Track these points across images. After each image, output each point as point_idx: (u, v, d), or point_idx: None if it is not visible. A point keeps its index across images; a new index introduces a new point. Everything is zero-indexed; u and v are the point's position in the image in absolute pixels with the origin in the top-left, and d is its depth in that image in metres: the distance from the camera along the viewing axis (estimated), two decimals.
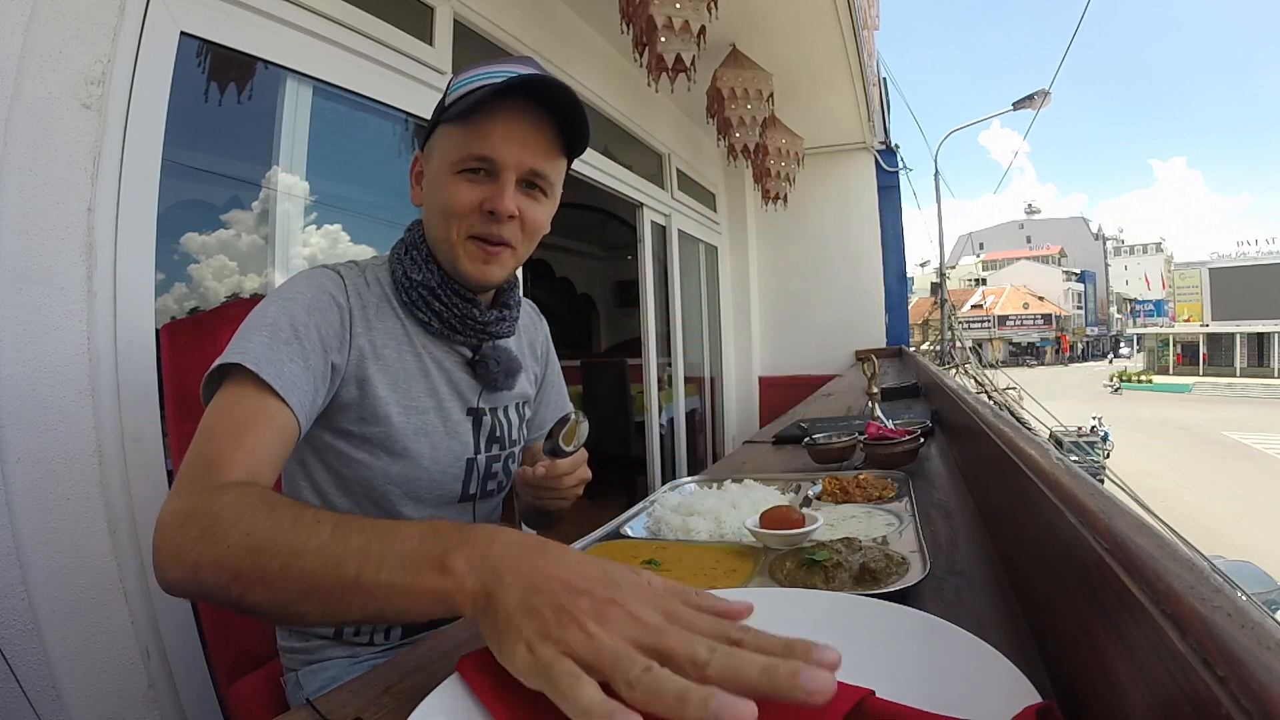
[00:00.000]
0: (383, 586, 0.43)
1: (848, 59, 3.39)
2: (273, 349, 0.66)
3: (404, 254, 0.83)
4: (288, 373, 0.65)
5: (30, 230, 0.99)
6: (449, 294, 0.81)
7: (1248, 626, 0.23)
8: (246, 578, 0.47)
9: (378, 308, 0.80)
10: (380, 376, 0.77)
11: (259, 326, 0.68)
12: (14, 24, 0.96)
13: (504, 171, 0.76)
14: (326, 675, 0.80)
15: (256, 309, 0.72)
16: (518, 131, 0.75)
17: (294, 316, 0.70)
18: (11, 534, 0.94)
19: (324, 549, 0.45)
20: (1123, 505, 0.39)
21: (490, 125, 0.74)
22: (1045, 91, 8.18)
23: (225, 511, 0.50)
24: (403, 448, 0.79)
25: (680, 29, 2.03)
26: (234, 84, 1.44)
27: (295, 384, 0.66)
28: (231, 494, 0.53)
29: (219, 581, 0.48)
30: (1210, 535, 11.52)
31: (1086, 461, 9.29)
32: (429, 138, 0.81)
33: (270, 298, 0.73)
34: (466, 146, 0.75)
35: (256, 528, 0.48)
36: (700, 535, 0.77)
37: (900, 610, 0.48)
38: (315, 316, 0.72)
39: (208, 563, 0.49)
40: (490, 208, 0.76)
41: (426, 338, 0.83)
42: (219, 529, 0.49)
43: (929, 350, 6.79)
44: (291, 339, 0.68)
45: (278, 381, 0.64)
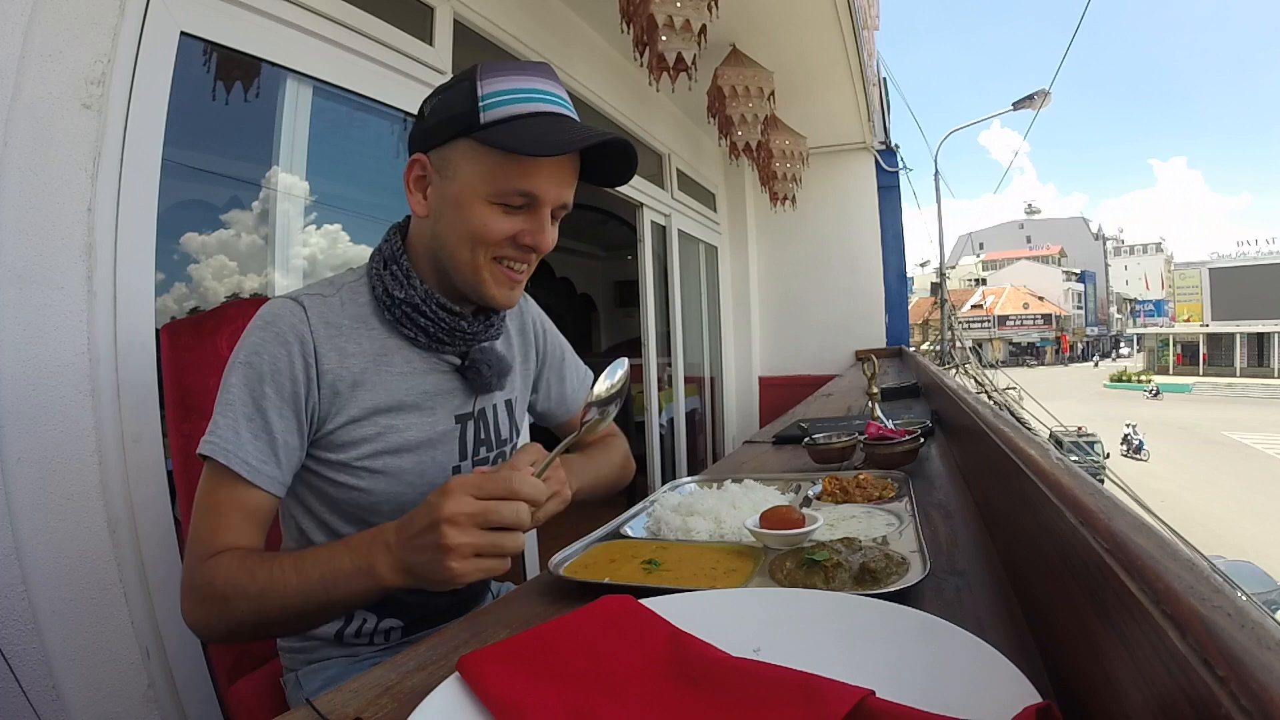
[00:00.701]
0: (344, 597, 0.65)
1: (848, 59, 3.39)
2: (236, 433, 0.71)
3: (383, 269, 0.80)
4: (252, 455, 0.71)
5: (30, 230, 0.99)
6: (434, 308, 0.79)
7: (1248, 626, 0.23)
8: (264, 624, 0.67)
9: (352, 330, 0.78)
10: (359, 402, 0.77)
11: (225, 405, 0.72)
12: (14, 24, 0.96)
13: (544, 206, 0.75)
14: (326, 675, 0.80)
15: (228, 367, 0.74)
16: (563, 171, 0.76)
17: (254, 387, 0.72)
18: (11, 534, 0.94)
19: (301, 589, 0.64)
20: (1123, 505, 0.39)
21: (538, 161, 0.72)
22: (1045, 91, 8.18)
23: (222, 587, 0.66)
24: (383, 465, 0.78)
25: (681, 28, 2.03)
26: (234, 84, 1.44)
27: (262, 464, 0.71)
28: (219, 568, 0.67)
29: (247, 632, 0.69)
30: (1210, 535, 11.52)
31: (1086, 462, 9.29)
32: (441, 144, 0.75)
33: (237, 356, 0.74)
34: (511, 180, 0.72)
35: (249, 593, 0.65)
36: (700, 535, 0.77)
37: (900, 610, 0.48)
38: (278, 377, 0.73)
39: (233, 626, 0.67)
40: (530, 243, 0.76)
41: (412, 351, 0.81)
42: (226, 602, 0.66)
43: (929, 350, 6.79)
44: (254, 414, 0.72)
45: (244, 470, 0.70)
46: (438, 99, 0.76)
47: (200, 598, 0.67)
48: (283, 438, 0.73)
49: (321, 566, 0.65)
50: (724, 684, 0.40)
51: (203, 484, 0.72)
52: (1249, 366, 38.54)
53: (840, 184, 4.72)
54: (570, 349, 1.08)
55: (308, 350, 0.74)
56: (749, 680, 0.40)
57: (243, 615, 0.66)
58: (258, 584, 0.65)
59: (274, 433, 0.72)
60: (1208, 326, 41.23)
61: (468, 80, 0.73)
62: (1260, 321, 38.29)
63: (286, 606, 0.65)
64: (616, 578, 0.64)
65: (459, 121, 0.73)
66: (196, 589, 0.67)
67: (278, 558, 0.67)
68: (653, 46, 2.06)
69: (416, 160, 0.77)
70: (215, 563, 0.67)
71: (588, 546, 0.75)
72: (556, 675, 0.43)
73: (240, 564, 0.67)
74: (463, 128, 0.72)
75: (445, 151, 0.75)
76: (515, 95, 0.72)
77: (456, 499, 0.59)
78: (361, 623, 0.82)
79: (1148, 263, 68.69)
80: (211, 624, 0.68)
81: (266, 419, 0.72)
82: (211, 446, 0.70)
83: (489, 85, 0.72)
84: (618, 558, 0.71)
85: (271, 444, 0.72)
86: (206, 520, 0.71)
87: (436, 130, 0.75)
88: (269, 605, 0.65)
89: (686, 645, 0.45)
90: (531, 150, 0.70)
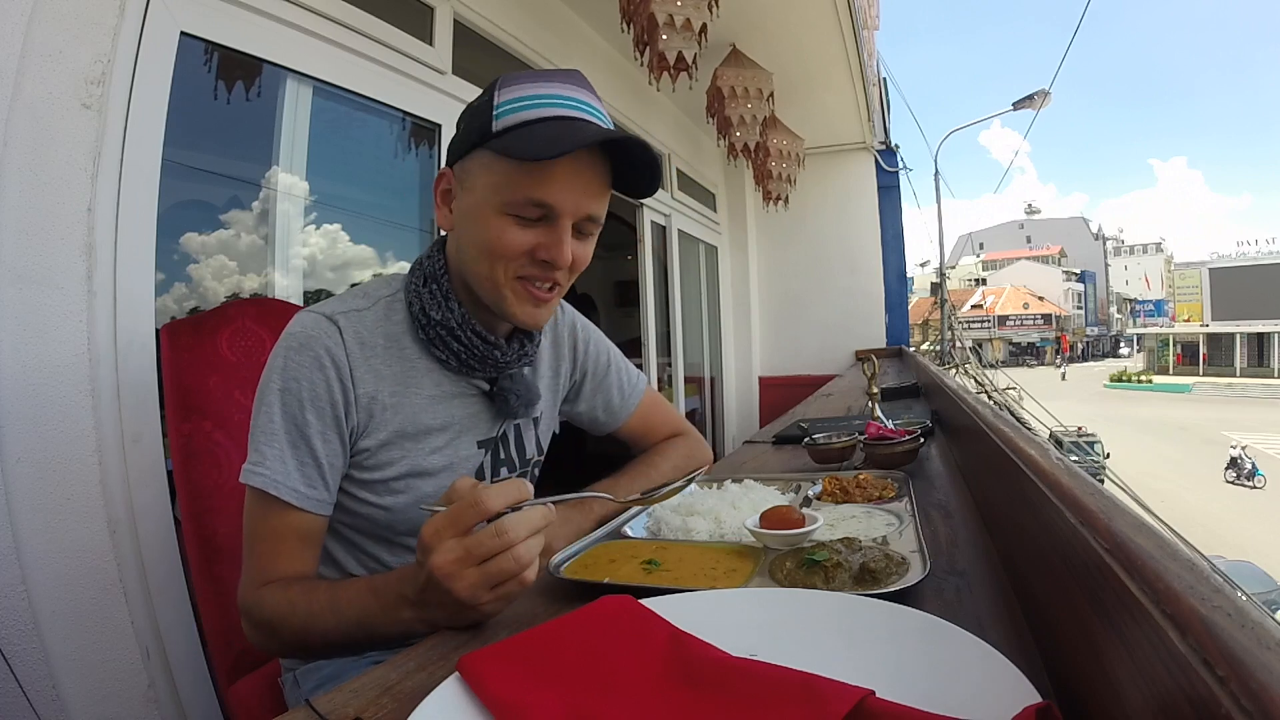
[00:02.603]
0: (380, 632, 0.64)
1: (848, 59, 3.39)
2: (283, 462, 0.71)
3: (422, 287, 0.78)
4: (300, 482, 0.71)
5: (30, 230, 0.99)
6: (469, 334, 0.77)
7: (1248, 626, 0.23)
8: (305, 649, 0.72)
9: (385, 350, 0.77)
10: (388, 424, 0.77)
11: (269, 434, 0.71)
12: (14, 24, 0.96)
13: (562, 219, 0.71)
14: (323, 674, 0.80)
15: (263, 390, 0.73)
16: (580, 178, 0.70)
17: (294, 415, 0.72)
18: (11, 534, 0.94)
19: (339, 628, 0.65)
20: (1123, 505, 0.39)
21: (550, 168, 0.68)
22: (1045, 91, 8.18)
23: (269, 617, 0.68)
24: (404, 485, 0.78)
25: (681, 27, 2.03)
26: (234, 84, 1.44)
27: (311, 490, 0.72)
28: (266, 599, 0.69)
29: (299, 655, 0.79)
30: (1210, 535, 11.52)
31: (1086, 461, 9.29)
32: (463, 156, 0.74)
33: (271, 379, 0.73)
34: (522, 189, 0.69)
35: (293, 625, 0.67)
36: (700, 535, 0.77)
37: (900, 610, 0.48)
38: (317, 402, 0.72)
39: (285, 648, 0.74)
40: (547, 258, 0.72)
41: (442, 374, 0.80)
42: (275, 631, 0.68)
43: (929, 350, 6.79)
44: (299, 440, 0.72)
45: (295, 499, 0.71)
46: (466, 113, 0.75)
47: (253, 623, 0.70)
48: (327, 460, 0.73)
49: (357, 611, 0.64)
50: (724, 684, 0.40)
51: (252, 509, 0.72)
52: (1249, 366, 38.55)
53: (840, 184, 4.72)
54: (619, 356, 1.05)
55: (344, 373, 0.73)
56: (749, 680, 0.40)
57: (290, 641, 0.69)
58: (299, 618, 0.66)
59: (319, 457, 0.72)
60: (1208, 326, 41.24)
61: (489, 90, 0.72)
62: (1260, 321, 38.30)
63: (328, 641, 0.66)
64: (616, 578, 0.64)
65: (475, 132, 0.71)
66: (249, 615, 0.70)
67: (315, 593, 0.67)
68: (653, 46, 2.06)
69: (443, 174, 0.76)
70: (264, 593, 0.69)
71: (588, 546, 0.75)
72: (556, 675, 0.43)
73: (285, 596, 0.68)
74: (478, 138, 0.71)
75: (465, 164, 0.73)
76: (528, 101, 0.69)
77: (439, 550, 0.55)
78: None
79: (1148, 263, 68.69)
80: (266, 645, 0.71)
81: (311, 445, 0.72)
82: (262, 479, 0.70)
83: (505, 94, 0.70)
84: (618, 558, 0.71)
85: (319, 469, 0.73)
86: (262, 548, 0.72)
87: (459, 143, 0.74)
88: (311, 638, 0.67)
89: (686, 645, 0.45)
90: (530, 154, 0.66)
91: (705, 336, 4.47)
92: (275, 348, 0.75)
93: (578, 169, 0.70)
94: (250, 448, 0.72)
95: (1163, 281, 62.61)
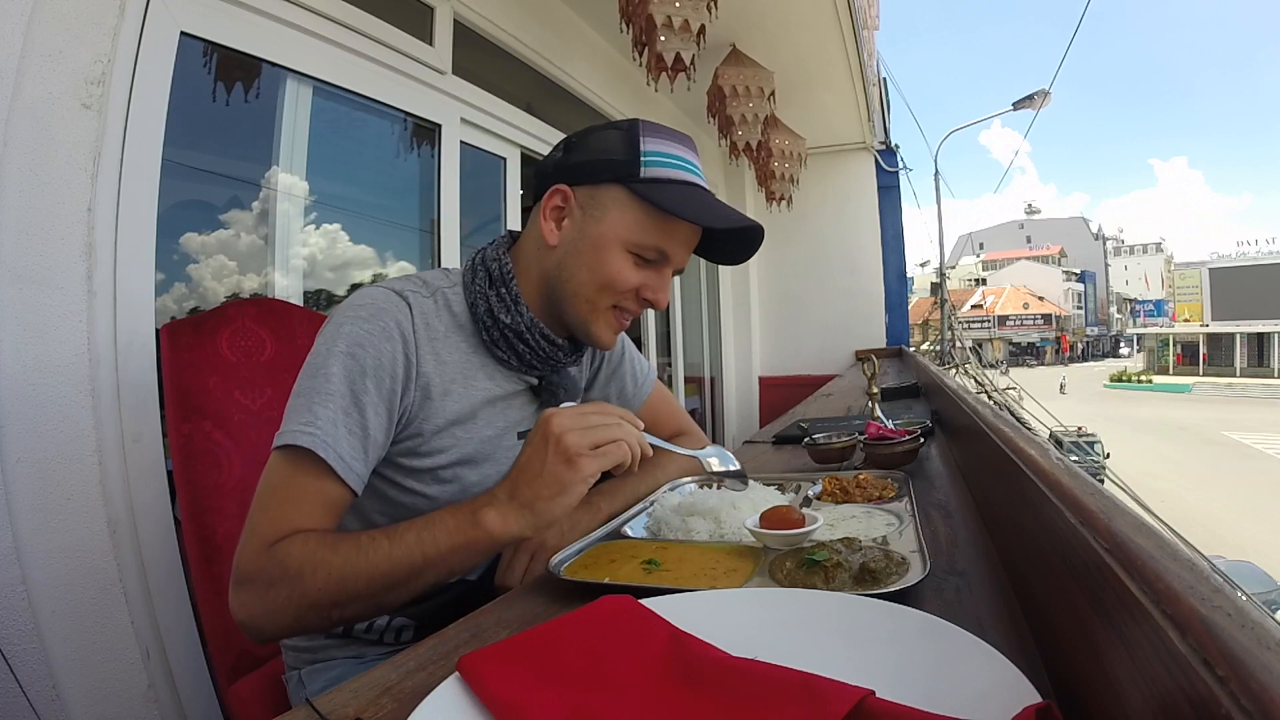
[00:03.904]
0: (444, 555, 0.64)
1: (848, 59, 3.39)
2: (335, 424, 0.68)
3: (488, 288, 0.80)
4: (346, 450, 0.68)
5: (30, 230, 0.99)
6: (536, 337, 0.80)
7: (1248, 626, 0.23)
8: (343, 602, 0.63)
9: (446, 338, 0.78)
10: (440, 411, 0.77)
11: (324, 394, 0.69)
12: (14, 24, 0.96)
13: (669, 267, 0.80)
14: (329, 675, 0.80)
15: (322, 354, 0.71)
16: (694, 238, 0.82)
17: (355, 381, 0.70)
18: (11, 534, 0.94)
19: (392, 556, 0.63)
20: (1123, 505, 0.39)
21: (680, 225, 0.78)
22: (1045, 91, 8.19)
23: (297, 565, 0.62)
24: (452, 475, 0.79)
25: (680, 28, 2.03)
26: (234, 84, 1.44)
27: (354, 460, 0.69)
28: (292, 547, 0.64)
29: (319, 614, 0.64)
30: (1210, 535, 11.52)
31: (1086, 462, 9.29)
32: (593, 183, 0.78)
33: (336, 343, 0.71)
34: (654, 236, 0.77)
35: (331, 565, 0.62)
36: (700, 535, 0.77)
37: (900, 610, 0.48)
38: (379, 372, 0.71)
39: (306, 606, 0.63)
40: (651, 298, 0.80)
41: (495, 369, 0.82)
42: (301, 580, 0.62)
43: (929, 350, 6.79)
44: (351, 407, 0.70)
45: (339, 464, 0.68)
46: (590, 137, 0.79)
47: (265, 583, 0.63)
48: (374, 435, 0.72)
49: (417, 529, 0.64)
50: (724, 684, 0.40)
51: (277, 471, 0.68)
52: (1249, 366, 38.55)
53: (840, 184, 4.72)
54: (630, 344, 1.08)
55: (410, 348, 0.74)
56: (749, 680, 0.40)
57: (318, 593, 0.62)
58: (341, 555, 0.63)
59: (369, 430, 0.71)
60: (1208, 326, 41.25)
61: (627, 131, 0.78)
62: (1260, 321, 38.31)
63: (374, 575, 0.62)
64: (616, 578, 0.64)
65: (617, 168, 0.76)
66: (259, 577, 0.63)
67: (363, 532, 0.66)
68: (651, 46, 2.06)
69: (559, 191, 0.79)
70: (287, 543, 0.64)
71: (588, 546, 0.75)
72: (557, 675, 0.43)
73: (319, 539, 0.64)
74: (621, 174, 0.76)
75: (595, 191, 0.78)
76: (673, 160, 0.78)
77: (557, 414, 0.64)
78: (373, 619, 0.82)
79: (1148, 263, 68.71)
80: (274, 610, 0.63)
81: (364, 415, 0.70)
82: (311, 439, 0.66)
83: (651, 144, 0.77)
84: (618, 558, 0.71)
85: (365, 440, 0.71)
86: (279, 506, 0.67)
87: (588, 168, 0.78)
88: (353, 577, 0.62)
89: (686, 645, 0.45)
90: (692, 216, 0.76)
91: (705, 336, 4.47)
92: (335, 315, 0.74)
93: (695, 231, 0.81)
94: (293, 409, 0.69)
95: (1163, 281, 62.62)
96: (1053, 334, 56.32)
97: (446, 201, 2.01)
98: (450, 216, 2.02)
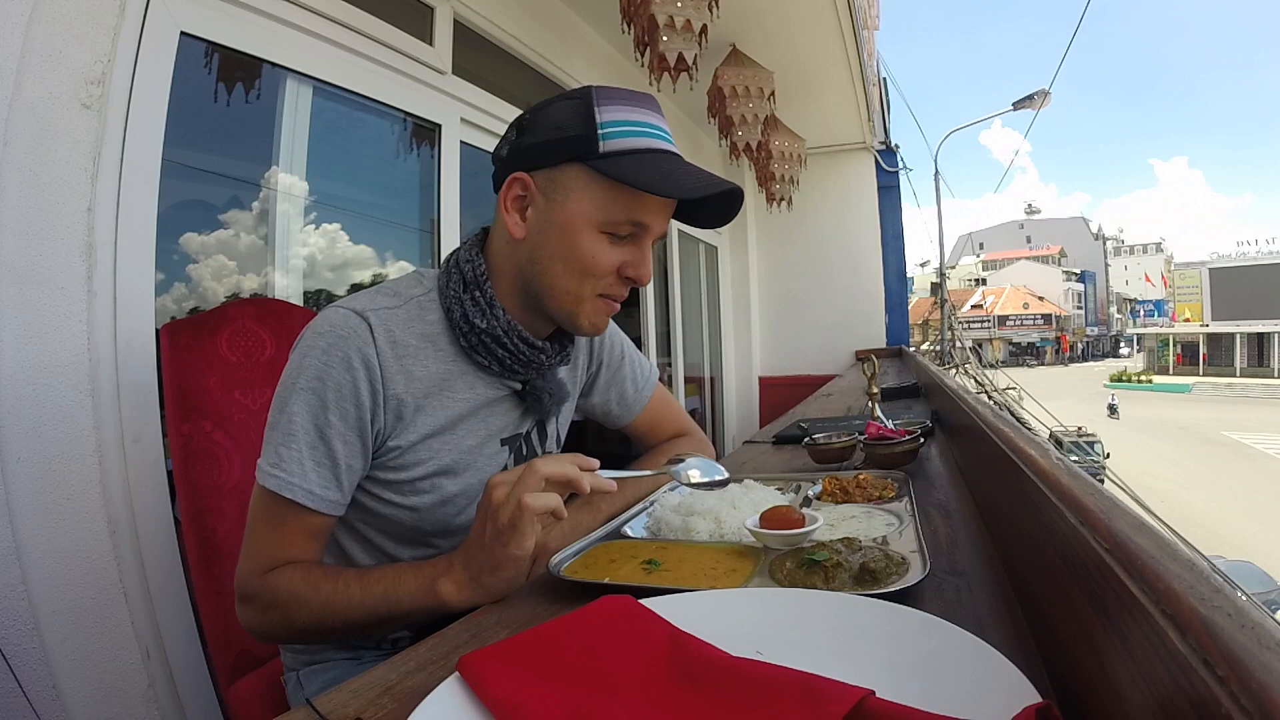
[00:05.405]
0: (405, 612, 0.68)
1: (848, 59, 3.39)
2: (300, 464, 0.70)
3: (463, 293, 0.76)
4: (315, 483, 0.70)
5: (30, 230, 0.99)
6: (515, 340, 0.76)
7: (1248, 626, 0.23)
8: (321, 633, 0.71)
9: (419, 350, 0.75)
10: (418, 427, 0.75)
11: (287, 435, 0.70)
12: (14, 24, 0.96)
13: (647, 238, 0.75)
14: (328, 676, 0.80)
15: (287, 388, 0.71)
16: (670, 204, 0.76)
17: (318, 416, 0.70)
18: (11, 534, 0.94)
19: (363, 605, 0.67)
20: (1123, 505, 0.39)
21: (650, 195, 0.72)
22: (1045, 91, 8.19)
23: (285, 599, 0.69)
24: (431, 485, 0.78)
25: (682, 28, 2.03)
26: (234, 84, 1.44)
27: (325, 491, 0.71)
28: (279, 580, 0.69)
29: (309, 638, 0.77)
30: (1210, 535, 11.52)
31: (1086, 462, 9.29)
32: (550, 165, 0.72)
33: (298, 379, 0.70)
34: (625, 211, 0.72)
35: (312, 605, 0.68)
36: (700, 535, 0.77)
37: (900, 610, 0.48)
38: (342, 404, 0.70)
39: (295, 631, 0.71)
40: (633, 275, 0.75)
41: (476, 376, 0.79)
42: (289, 611, 0.69)
43: (929, 350, 6.78)
44: (317, 442, 0.70)
45: (308, 500, 0.70)
46: (541, 115, 0.73)
47: (261, 606, 0.70)
48: (345, 462, 0.72)
49: (386, 583, 0.68)
50: (724, 684, 0.40)
51: (260, 503, 0.72)
52: (1249, 366, 38.54)
53: (840, 184, 4.72)
54: (631, 347, 1.05)
55: (374, 375, 0.71)
56: (749, 680, 0.40)
57: (303, 625, 0.69)
58: (321, 597, 0.67)
59: (338, 459, 0.71)
60: (1208, 326, 41.24)
61: (580, 102, 0.72)
62: (1260, 321, 38.30)
63: (349, 619, 0.68)
64: (616, 578, 0.64)
65: (574, 145, 0.71)
66: (257, 599, 0.70)
67: (342, 573, 0.70)
68: (653, 47, 2.06)
69: (517, 179, 0.73)
70: (277, 575, 0.69)
71: (588, 546, 0.75)
72: (556, 675, 0.43)
73: (304, 577, 0.69)
74: (579, 152, 0.70)
75: (554, 174, 0.72)
76: (633, 128, 0.71)
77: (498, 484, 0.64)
78: None
79: (1148, 263, 68.70)
80: (271, 630, 0.71)
81: (330, 447, 0.70)
82: (277, 482, 0.69)
83: (608, 113, 0.71)
84: (618, 558, 0.71)
85: (335, 470, 0.71)
86: (267, 536, 0.71)
87: (543, 150, 0.72)
88: (330, 617, 0.68)
89: (686, 645, 0.45)
90: (662, 190, 0.70)
91: (705, 336, 4.47)
92: (300, 343, 0.72)
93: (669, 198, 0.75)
94: (267, 444, 0.71)
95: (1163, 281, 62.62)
96: (1053, 334, 56.31)
97: (446, 201, 2.01)
98: (450, 216, 2.02)
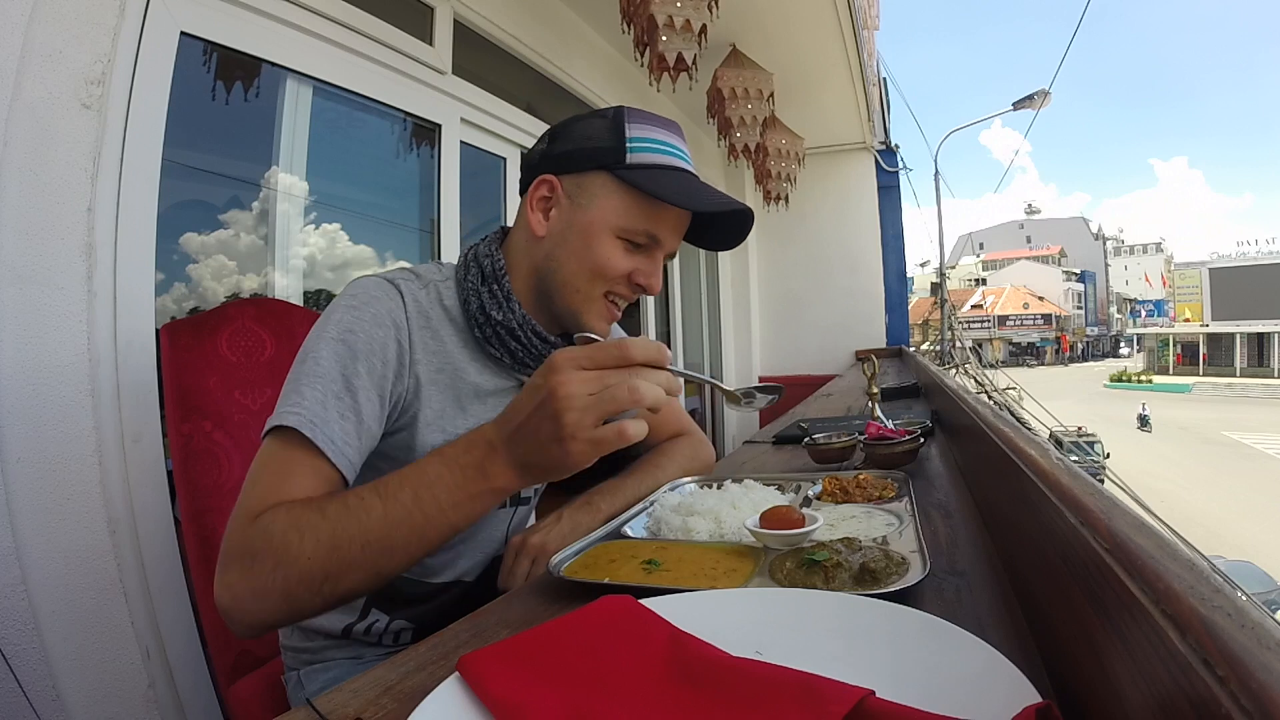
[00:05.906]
0: (446, 513, 0.59)
1: (848, 59, 3.39)
2: (324, 405, 0.65)
3: (480, 285, 0.79)
4: (338, 433, 0.65)
5: (30, 230, 0.99)
6: (529, 334, 0.79)
7: (1248, 626, 0.23)
8: (335, 573, 0.57)
9: (440, 328, 0.78)
10: (430, 404, 0.76)
11: (312, 376, 0.66)
12: (14, 24, 0.96)
13: (660, 251, 0.79)
14: (328, 676, 0.80)
15: (313, 341, 0.69)
16: (684, 222, 0.81)
17: (346, 364, 0.68)
18: (11, 534, 0.95)
19: (387, 516, 0.58)
20: (1123, 505, 0.39)
21: (668, 210, 0.77)
22: (1045, 91, 8.19)
23: (282, 533, 0.57)
24: None
25: (681, 28, 2.03)
26: (234, 84, 1.45)
27: (345, 445, 0.66)
28: (276, 516, 0.58)
29: (311, 589, 0.57)
30: (1210, 535, 11.52)
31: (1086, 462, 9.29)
32: (578, 171, 0.77)
33: (326, 330, 0.69)
34: (643, 221, 0.76)
35: (320, 529, 0.57)
36: (700, 535, 0.77)
37: (900, 610, 0.48)
38: (371, 357, 0.69)
39: (294, 580, 0.57)
40: (644, 283, 0.79)
41: (486, 364, 0.81)
42: (287, 549, 0.56)
43: (929, 350, 6.79)
44: (343, 391, 0.67)
45: (328, 446, 0.64)
46: (574, 126, 0.79)
47: (250, 557, 0.57)
48: (367, 422, 0.69)
49: (411, 483, 0.59)
50: (724, 684, 0.40)
51: (266, 450, 0.65)
52: (1249, 366, 38.55)
53: (840, 184, 4.72)
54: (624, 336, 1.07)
55: (402, 336, 0.73)
56: (749, 680, 0.40)
57: (307, 562, 0.56)
58: (329, 518, 0.57)
59: (361, 415, 0.68)
60: (1208, 326, 41.26)
61: (611, 118, 0.77)
62: (1260, 321, 38.31)
63: (368, 540, 0.57)
64: (616, 578, 0.64)
65: (603, 155, 0.76)
66: (244, 550, 0.58)
67: (350, 490, 0.61)
68: (653, 47, 2.06)
69: (545, 180, 0.78)
70: (272, 513, 0.59)
71: (588, 546, 0.75)
72: (556, 675, 0.43)
73: (304, 503, 0.59)
74: (607, 162, 0.75)
75: (581, 179, 0.77)
76: (658, 146, 0.76)
77: (566, 367, 0.56)
78: (373, 621, 0.82)
79: (1148, 263, 68.72)
80: (262, 591, 0.57)
81: (356, 399, 0.68)
82: (297, 418, 0.63)
83: (637, 130, 0.76)
84: (618, 558, 0.71)
85: (358, 425, 0.68)
86: (267, 480, 0.63)
87: (573, 157, 0.77)
88: (345, 542, 0.57)
89: (686, 645, 0.45)
90: (680, 202, 0.74)
91: (705, 336, 4.47)
92: (329, 307, 0.73)
93: (685, 215, 0.80)
94: (286, 393, 0.66)
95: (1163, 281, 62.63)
96: (1053, 334, 56.32)
97: (446, 201, 2.01)
98: (450, 216, 2.02)
